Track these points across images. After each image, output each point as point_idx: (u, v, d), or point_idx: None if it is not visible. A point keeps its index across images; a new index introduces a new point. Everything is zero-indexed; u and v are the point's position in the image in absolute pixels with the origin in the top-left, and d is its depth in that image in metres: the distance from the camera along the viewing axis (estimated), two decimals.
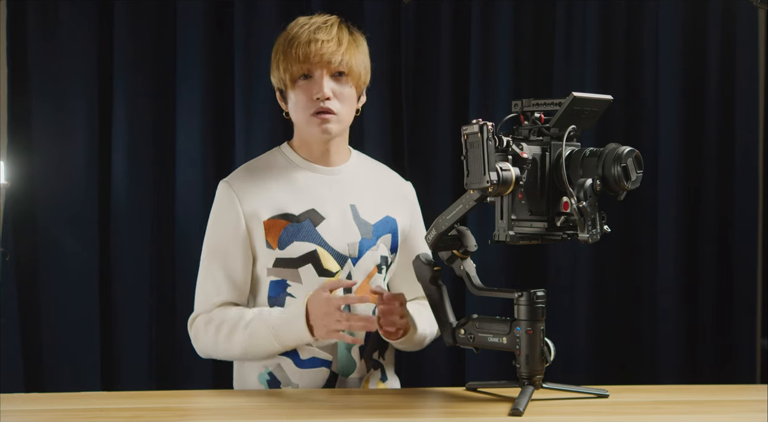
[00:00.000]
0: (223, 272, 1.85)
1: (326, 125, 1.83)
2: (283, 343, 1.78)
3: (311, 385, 1.83)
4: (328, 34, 1.82)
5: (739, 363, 2.91)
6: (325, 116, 1.82)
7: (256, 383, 1.87)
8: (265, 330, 1.78)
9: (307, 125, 1.84)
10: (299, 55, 1.81)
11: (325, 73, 1.82)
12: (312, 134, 1.85)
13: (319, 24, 1.84)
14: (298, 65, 1.82)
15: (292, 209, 1.85)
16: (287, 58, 1.83)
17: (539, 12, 2.93)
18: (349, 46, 1.84)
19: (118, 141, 2.83)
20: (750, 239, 2.91)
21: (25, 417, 1.55)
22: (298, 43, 1.81)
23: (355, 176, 1.93)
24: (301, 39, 1.82)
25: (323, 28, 1.83)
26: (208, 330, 1.83)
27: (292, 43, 1.82)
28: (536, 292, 1.60)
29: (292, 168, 1.90)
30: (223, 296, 1.86)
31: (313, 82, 1.82)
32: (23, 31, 2.79)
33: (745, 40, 2.91)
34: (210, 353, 1.88)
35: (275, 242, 1.83)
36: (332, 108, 1.82)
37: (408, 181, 2.03)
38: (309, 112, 1.83)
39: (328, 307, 1.72)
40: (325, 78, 1.82)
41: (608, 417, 1.54)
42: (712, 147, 2.91)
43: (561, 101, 1.56)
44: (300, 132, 1.90)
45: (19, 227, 2.78)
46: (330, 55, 1.80)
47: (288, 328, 1.76)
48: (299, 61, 1.81)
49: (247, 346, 1.80)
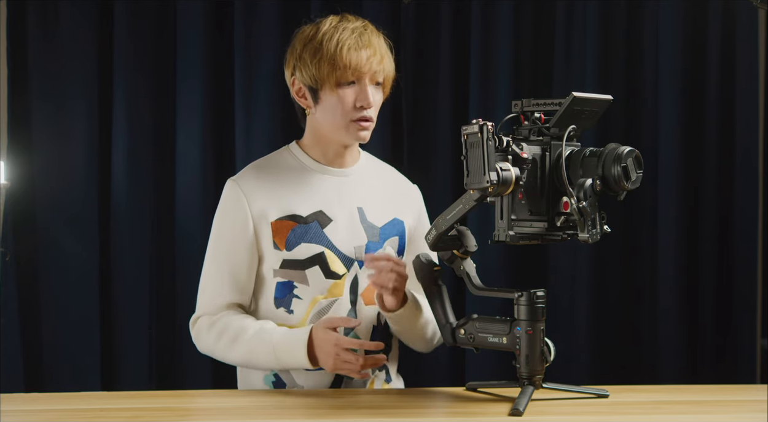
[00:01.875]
0: (228, 272, 1.84)
1: (364, 132, 1.83)
2: (282, 364, 1.79)
3: (316, 387, 1.83)
4: (373, 43, 1.82)
5: (739, 363, 2.91)
6: (365, 124, 1.83)
7: (261, 384, 1.87)
8: (265, 348, 1.78)
9: (344, 130, 1.83)
10: (350, 61, 1.78)
11: (369, 81, 1.82)
12: (345, 139, 1.85)
13: (360, 30, 1.82)
14: (346, 71, 1.79)
15: (299, 211, 1.84)
16: (334, 61, 1.78)
17: (539, 12, 2.93)
18: (386, 56, 1.85)
19: (118, 141, 2.83)
20: (750, 239, 2.91)
21: (25, 417, 1.55)
22: (348, 48, 1.78)
23: (363, 178, 1.93)
24: (350, 44, 1.79)
25: (366, 35, 1.82)
26: (209, 334, 1.83)
27: (341, 47, 1.79)
28: (536, 292, 1.60)
29: (300, 169, 1.89)
30: (227, 297, 1.85)
31: (358, 90, 1.81)
32: (23, 31, 2.80)
33: (745, 39, 2.91)
34: (209, 354, 1.88)
35: (282, 243, 1.82)
36: (372, 116, 1.84)
37: (414, 184, 2.04)
38: (350, 118, 1.82)
39: (336, 348, 1.72)
40: (369, 86, 1.82)
41: (608, 417, 1.54)
42: (712, 147, 2.91)
43: (561, 101, 1.56)
44: (324, 133, 1.87)
45: (19, 227, 2.79)
46: (377, 64, 1.81)
47: (289, 353, 1.76)
48: (350, 68, 1.79)
49: (246, 360, 1.82)
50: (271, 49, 2.80)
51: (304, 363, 1.75)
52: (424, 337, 1.90)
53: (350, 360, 1.72)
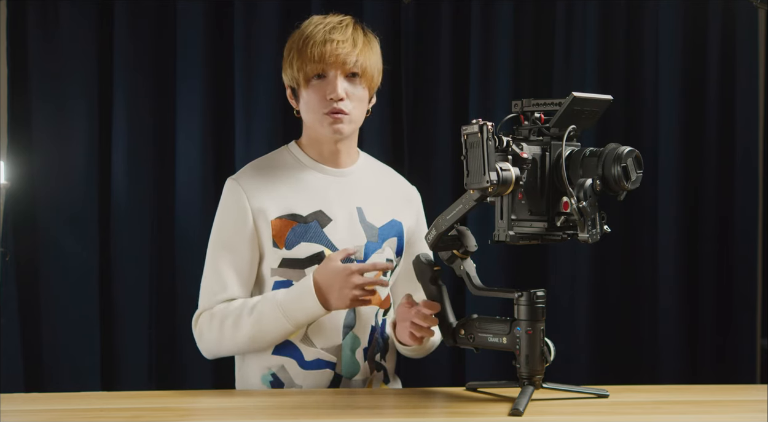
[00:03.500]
0: (231, 268, 1.84)
1: (338, 124, 1.82)
2: (295, 321, 1.76)
3: (315, 387, 1.83)
4: (344, 35, 1.81)
5: (739, 363, 2.91)
6: (338, 116, 1.82)
7: (258, 384, 1.86)
8: (272, 310, 1.76)
9: (319, 125, 1.84)
10: (314, 54, 1.80)
11: (339, 73, 1.81)
12: (323, 133, 1.85)
13: (334, 24, 1.83)
14: (312, 65, 1.81)
15: (299, 210, 1.84)
16: (302, 56, 1.82)
17: (539, 12, 2.93)
18: (364, 48, 1.84)
19: (118, 141, 2.83)
20: (750, 239, 2.91)
21: (25, 417, 1.55)
22: (314, 43, 1.80)
23: (362, 178, 1.93)
24: (316, 38, 1.81)
25: (338, 28, 1.82)
26: (212, 325, 1.81)
27: (307, 42, 1.81)
28: (536, 292, 1.60)
29: (300, 168, 1.90)
30: (229, 292, 1.84)
31: (326, 82, 1.82)
32: (23, 31, 2.79)
33: (745, 39, 2.91)
34: (215, 351, 1.85)
35: (282, 242, 1.82)
36: (345, 108, 1.82)
37: (413, 185, 2.04)
38: (322, 111, 1.82)
39: (349, 276, 1.71)
40: (339, 78, 1.81)
41: (608, 417, 1.54)
42: (712, 147, 2.91)
43: (561, 101, 1.56)
44: (310, 131, 1.89)
45: (19, 227, 2.78)
46: (345, 55, 1.80)
47: (298, 305, 1.74)
48: (314, 61, 1.80)
49: (255, 331, 1.78)
50: (271, 49, 2.80)
51: (318, 311, 1.74)
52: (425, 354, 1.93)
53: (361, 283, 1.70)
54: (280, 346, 1.83)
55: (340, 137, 1.85)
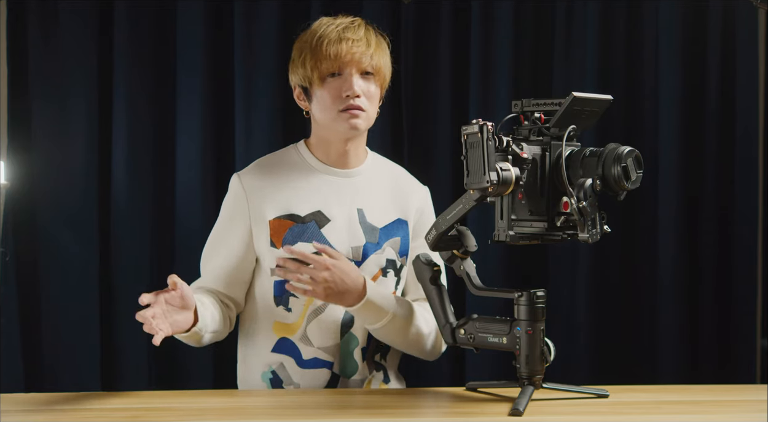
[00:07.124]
0: (219, 263, 1.88)
1: (355, 120, 1.83)
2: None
3: (312, 385, 1.84)
4: (357, 34, 1.83)
5: (739, 363, 2.90)
6: (355, 112, 1.83)
7: (259, 381, 1.88)
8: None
9: (334, 122, 1.84)
10: (330, 53, 1.81)
11: (355, 71, 1.83)
12: (339, 130, 1.85)
13: (346, 24, 1.85)
14: (328, 62, 1.82)
15: (298, 210, 1.85)
16: (316, 55, 1.83)
17: (539, 12, 2.93)
18: (377, 47, 1.86)
19: (118, 141, 2.82)
20: (750, 239, 2.91)
21: (25, 417, 1.55)
22: (328, 41, 1.82)
23: (368, 179, 1.94)
24: (330, 37, 1.82)
25: (351, 28, 1.84)
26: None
27: (321, 41, 1.82)
28: (536, 292, 1.60)
29: (305, 168, 1.90)
30: (208, 284, 1.89)
31: (342, 80, 1.83)
32: (23, 31, 2.79)
33: (745, 40, 2.91)
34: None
35: (279, 242, 1.83)
36: (362, 105, 1.83)
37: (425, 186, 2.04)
38: (337, 109, 1.83)
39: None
40: (355, 76, 1.83)
41: (608, 417, 1.54)
42: (712, 147, 2.91)
43: (561, 101, 1.56)
44: (321, 131, 1.90)
45: (19, 227, 2.78)
46: (360, 54, 1.82)
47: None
48: (329, 59, 1.82)
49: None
50: (271, 49, 2.80)
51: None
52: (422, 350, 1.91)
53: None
54: (280, 344, 1.85)
55: (356, 133, 1.86)
